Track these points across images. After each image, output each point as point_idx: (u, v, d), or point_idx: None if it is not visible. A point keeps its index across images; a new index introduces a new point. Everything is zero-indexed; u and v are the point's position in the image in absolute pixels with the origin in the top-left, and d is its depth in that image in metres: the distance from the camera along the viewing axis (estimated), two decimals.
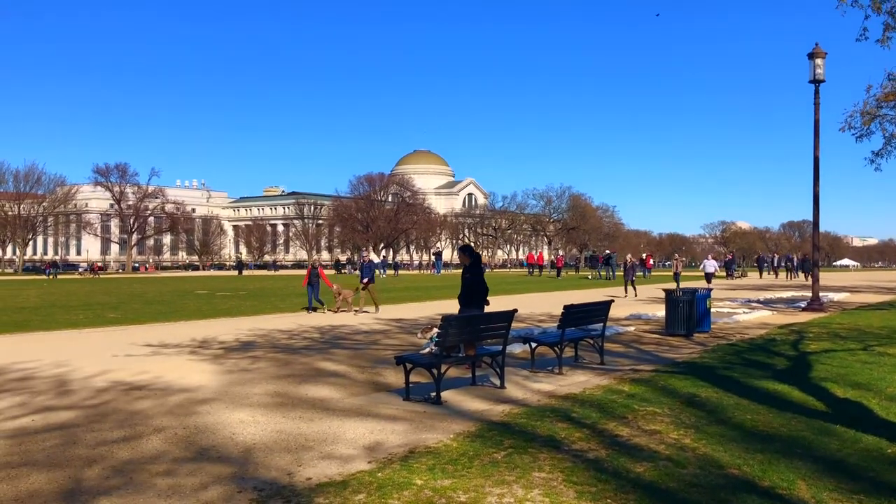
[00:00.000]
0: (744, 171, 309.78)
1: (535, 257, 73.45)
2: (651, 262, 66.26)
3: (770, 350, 13.29)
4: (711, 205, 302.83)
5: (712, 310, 17.38)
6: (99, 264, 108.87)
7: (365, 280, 23.33)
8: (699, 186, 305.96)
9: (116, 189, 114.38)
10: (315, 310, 23.35)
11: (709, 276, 40.69)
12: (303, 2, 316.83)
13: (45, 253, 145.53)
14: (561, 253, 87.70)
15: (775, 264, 61.65)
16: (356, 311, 22.88)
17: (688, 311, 15.77)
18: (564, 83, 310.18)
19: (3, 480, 5.84)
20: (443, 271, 75.81)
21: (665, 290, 16.95)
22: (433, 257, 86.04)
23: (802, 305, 23.96)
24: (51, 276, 75.22)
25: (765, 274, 60.75)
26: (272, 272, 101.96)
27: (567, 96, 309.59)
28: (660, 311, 19.61)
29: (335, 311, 22.67)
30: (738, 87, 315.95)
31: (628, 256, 38.31)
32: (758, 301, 27.73)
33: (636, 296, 30.56)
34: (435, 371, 8.79)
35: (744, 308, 23.85)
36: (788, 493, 5.39)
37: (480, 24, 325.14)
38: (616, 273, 50.72)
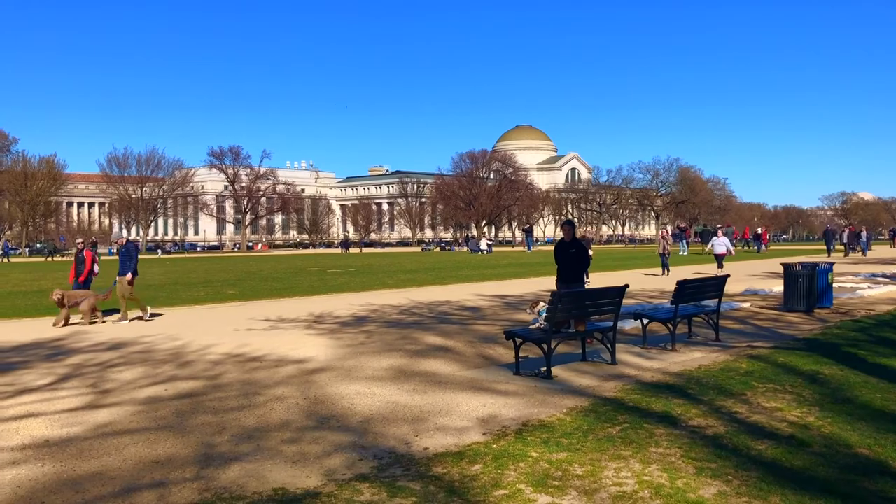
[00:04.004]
0: (867, 138, 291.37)
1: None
2: (767, 236, 62.32)
3: None
4: (831, 175, 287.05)
5: (834, 285, 16.57)
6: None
7: (129, 274, 15.23)
8: (818, 156, 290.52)
9: (230, 171, 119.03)
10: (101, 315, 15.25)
11: (719, 259, 28.61)
12: None
13: (166, 233, 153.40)
14: (669, 228, 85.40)
15: (845, 240, 49.38)
16: (126, 318, 15.10)
17: (808, 286, 15.11)
18: (670, 53, 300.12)
19: (143, 444, 6.26)
20: (534, 248, 74.63)
21: (783, 265, 16.27)
22: (524, 233, 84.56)
23: None
24: (50, 259, 68.04)
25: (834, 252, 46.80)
26: (379, 249, 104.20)
27: (674, 66, 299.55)
28: (777, 287, 18.87)
29: (60, 325, 14.27)
30: (858, 48, 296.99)
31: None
32: (884, 275, 26.20)
33: None
34: (545, 346, 8.80)
35: (868, 283, 22.60)
36: None
37: None
38: (733, 248, 48.75)
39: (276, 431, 6.59)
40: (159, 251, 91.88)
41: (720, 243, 28.75)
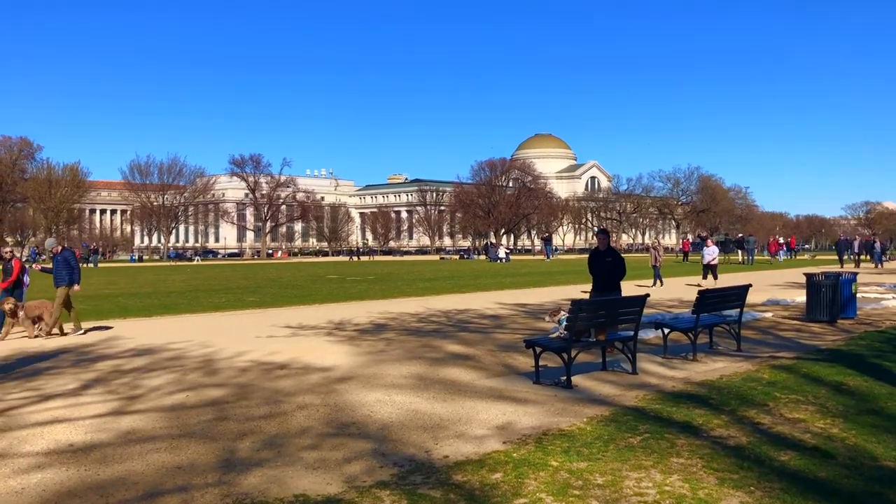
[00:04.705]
0: (892, 147, 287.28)
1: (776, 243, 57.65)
2: (780, 245, 59.74)
3: None
4: (855, 184, 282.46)
5: (857, 295, 16.39)
6: None
7: (73, 284, 14.85)
8: (841, 164, 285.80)
9: (251, 179, 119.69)
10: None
11: (709, 269, 27.33)
12: None
13: (188, 240, 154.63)
14: (690, 237, 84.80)
15: (856, 250, 46.66)
16: (54, 332, 14.46)
17: (831, 297, 14.96)
18: (691, 60, 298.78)
19: (167, 450, 6.32)
20: (553, 256, 74.29)
21: (806, 274, 16.14)
22: (542, 242, 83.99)
23: None
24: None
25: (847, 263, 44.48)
26: (397, 258, 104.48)
27: (694, 74, 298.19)
28: (799, 297, 18.70)
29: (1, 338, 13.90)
30: (882, 55, 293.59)
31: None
32: None
33: None
34: (565, 355, 8.78)
35: (892, 293, 22.33)
36: None
37: (598, 3, 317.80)
38: (754, 257, 48.52)
39: (297, 438, 6.62)
40: (198, 258, 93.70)
41: (709, 253, 27.88)
